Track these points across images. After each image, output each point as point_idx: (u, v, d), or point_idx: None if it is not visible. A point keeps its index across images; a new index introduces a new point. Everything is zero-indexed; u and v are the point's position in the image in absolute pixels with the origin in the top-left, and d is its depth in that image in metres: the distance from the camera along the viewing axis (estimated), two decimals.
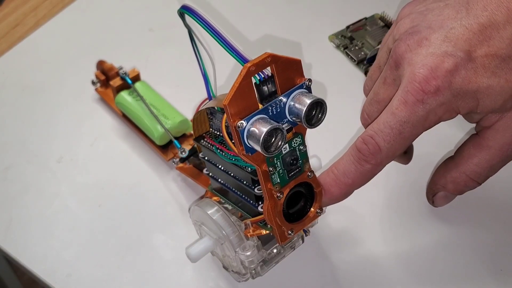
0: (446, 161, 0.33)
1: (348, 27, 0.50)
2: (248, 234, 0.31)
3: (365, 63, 0.47)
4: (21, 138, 0.44)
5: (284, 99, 0.27)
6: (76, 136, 0.44)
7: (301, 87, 0.27)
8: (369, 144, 0.28)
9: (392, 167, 0.41)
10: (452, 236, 0.37)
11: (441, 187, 0.32)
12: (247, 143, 0.26)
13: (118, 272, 0.36)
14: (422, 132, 0.28)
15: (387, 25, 0.50)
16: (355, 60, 0.47)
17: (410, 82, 0.27)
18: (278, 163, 0.28)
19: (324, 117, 0.27)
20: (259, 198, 0.30)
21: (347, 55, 0.48)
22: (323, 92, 0.46)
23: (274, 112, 0.27)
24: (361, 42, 0.49)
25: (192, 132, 0.36)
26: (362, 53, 0.48)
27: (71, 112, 0.45)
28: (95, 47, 0.50)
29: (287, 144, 0.28)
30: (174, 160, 0.39)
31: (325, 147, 0.42)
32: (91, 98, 0.46)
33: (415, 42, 0.28)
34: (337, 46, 0.49)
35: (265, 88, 0.27)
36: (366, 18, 0.50)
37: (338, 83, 0.46)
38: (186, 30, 0.31)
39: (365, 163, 0.29)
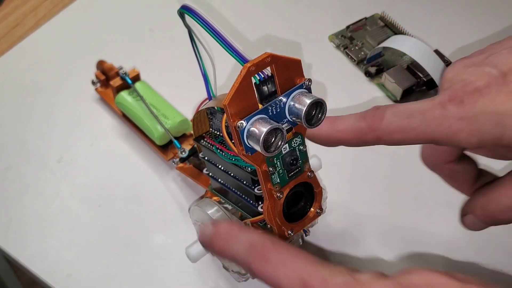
0: (485, 185, 0.31)
1: (348, 27, 0.50)
2: None
3: (365, 63, 0.47)
4: (21, 138, 0.44)
5: (284, 99, 0.27)
6: (76, 136, 0.44)
7: (301, 87, 0.27)
8: (378, 110, 0.28)
9: (392, 167, 0.41)
10: (452, 236, 0.37)
11: (471, 210, 0.30)
12: (247, 143, 0.26)
13: (118, 272, 0.36)
14: (429, 138, 0.27)
15: (387, 25, 0.50)
16: (355, 60, 0.47)
17: (442, 90, 0.27)
18: (278, 163, 0.28)
19: (324, 117, 0.27)
20: (259, 198, 0.30)
21: (347, 55, 0.48)
22: (323, 92, 0.46)
23: (274, 112, 0.27)
24: (361, 42, 0.49)
25: (192, 132, 0.36)
26: (362, 53, 0.48)
27: (71, 112, 0.45)
28: (95, 47, 0.50)
29: (287, 144, 0.28)
30: (174, 160, 0.39)
31: (325, 147, 0.41)
32: (91, 98, 0.46)
33: (464, 63, 0.27)
34: (337, 46, 0.49)
35: (265, 88, 0.27)
36: (366, 18, 0.50)
37: (338, 83, 0.46)
38: (186, 30, 0.31)
39: (362, 120, 0.28)
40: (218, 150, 0.31)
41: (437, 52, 0.46)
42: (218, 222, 0.29)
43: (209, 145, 0.32)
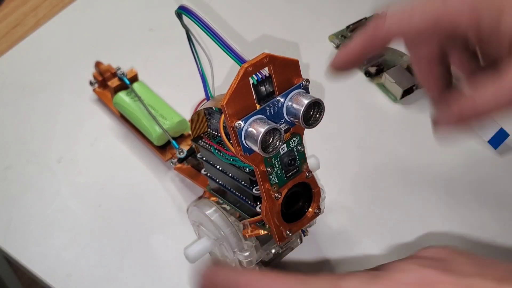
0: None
1: (348, 27, 0.50)
2: (247, 235, 0.31)
3: (365, 63, 0.47)
4: (21, 138, 0.44)
5: (282, 99, 0.27)
6: (76, 136, 0.44)
7: (298, 87, 0.27)
8: (379, 16, 0.29)
9: (392, 167, 0.41)
10: (451, 236, 0.37)
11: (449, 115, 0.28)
12: (245, 144, 0.26)
13: (117, 272, 0.36)
14: (431, 29, 0.27)
15: None
16: None
17: None
18: (276, 163, 0.28)
19: (322, 117, 0.27)
20: (257, 199, 0.30)
21: None
22: (323, 92, 0.46)
23: (272, 113, 0.27)
24: None
25: (190, 132, 0.36)
26: None
27: (71, 112, 0.45)
28: (95, 47, 0.50)
29: (285, 144, 0.28)
30: (172, 160, 0.39)
31: (324, 147, 0.42)
32: (90, 98, 0.46)
33: None
34: (337, 46, 0.49)
35: (263, 88, 0.27)
36: (366, 18, 0.50)
37: (338, 83, 0.46)
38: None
39: (368, 31, 0.29)
40: (216, 151, 0.31)
41: None
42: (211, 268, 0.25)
43: (207, 145, 0.32)
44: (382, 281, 0.22)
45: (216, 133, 0.33)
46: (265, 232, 0.31)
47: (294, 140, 0.28)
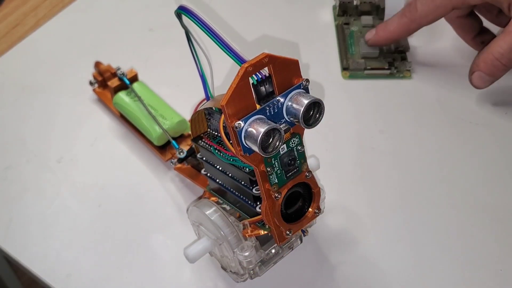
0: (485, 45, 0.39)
1: None
2: (246, 235, 0.31)
3: None
4: (21, 138, 0.44)
5: (282, 100, 0.27)
6: (76, 136, 0.44)
7: (298, 87, 0.27)
8: (411, 5, 0.41)
9: (392, 167, 0.41)
10: (451, 236, 0.37)
11: (476, 66, 0.38)
12: (244, 144, 0.26)
13: (117, 272, 0.36)
14: (450, 8, 0.39)
15: None
16: None
17: None
18: (276, 163, 0.28)
19: (322, 117, 0.27)
20: (257, 199, 0.30)
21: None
22: (322, 92, 0.46)
23: (272, 113, 0.27)
24: None
25: (190, 132, 0.36)
26: None
27: (71, 112, 0.45)
28: (95, 47, 0.50)
29: (284, 144, 0.28)
30: (172, 160, 0.39)
31: (324, 147, 0.42)
32: (90, 98, 0.46)
33: None
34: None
35: (263, 88, 0.27)
36: None
37: (337, 83, 0.46)
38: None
39: (403, 17, 0.41)
40: (216, 151, 0.31)
41: None
42: None
43: (207, 145, 0.32)
44: None
45: (216, 133, 0.33)
46: (265, 232, 0.31)
47: (294, 140, 0.28)
